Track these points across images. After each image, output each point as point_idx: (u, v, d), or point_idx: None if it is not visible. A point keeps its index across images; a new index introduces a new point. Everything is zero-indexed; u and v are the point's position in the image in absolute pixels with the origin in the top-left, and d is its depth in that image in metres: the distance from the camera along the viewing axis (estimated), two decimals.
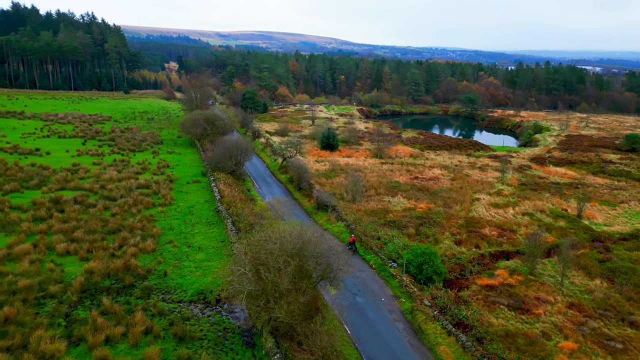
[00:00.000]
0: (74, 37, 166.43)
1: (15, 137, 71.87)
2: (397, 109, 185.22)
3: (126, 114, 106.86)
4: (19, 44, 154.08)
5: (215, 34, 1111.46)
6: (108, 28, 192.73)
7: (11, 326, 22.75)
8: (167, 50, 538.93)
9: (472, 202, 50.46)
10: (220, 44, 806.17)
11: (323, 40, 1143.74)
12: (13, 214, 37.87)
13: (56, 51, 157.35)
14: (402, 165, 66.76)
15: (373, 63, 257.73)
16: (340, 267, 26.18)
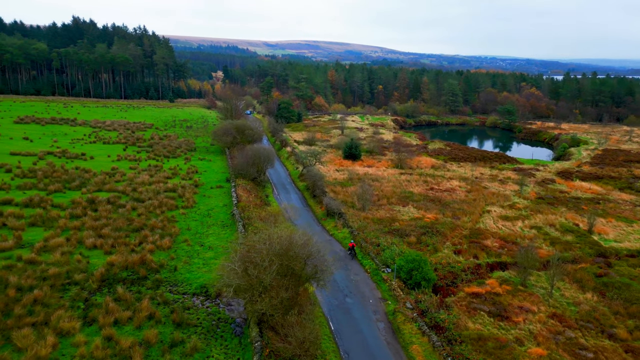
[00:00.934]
0: (126, 49, 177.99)
1: (66, 142, 79.03)
2: (433, 119, 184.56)
3: (167, 122, 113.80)
4: (77, 56, 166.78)
5: (263, 43, 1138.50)
6: (157, 40, 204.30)
7: (38, 306, 26.74)
8: (215, 60, 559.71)
9: (482, 214, 51.33)
10: (267, 53, 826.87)
11: (369, 49, 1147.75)
12: (53, 212, 42.87)
13: (109, 62, 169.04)
14: (420, 176, 68.08)
15: (412, 73, 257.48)
16: (325, 269, 28.69)
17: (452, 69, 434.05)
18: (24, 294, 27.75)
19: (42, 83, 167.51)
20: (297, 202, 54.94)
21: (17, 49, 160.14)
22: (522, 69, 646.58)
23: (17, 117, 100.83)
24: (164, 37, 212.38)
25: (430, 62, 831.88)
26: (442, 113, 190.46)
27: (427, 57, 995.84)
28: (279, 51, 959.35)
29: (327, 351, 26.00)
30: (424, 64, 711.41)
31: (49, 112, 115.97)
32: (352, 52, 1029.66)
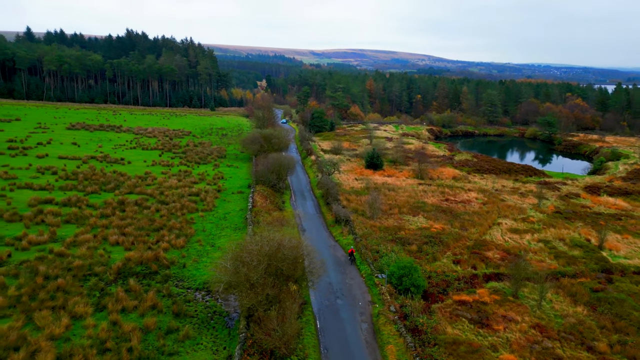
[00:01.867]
0: (172, 60, 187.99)
1: (109, 147, 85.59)
2: (470, 129, 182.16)
3: (205, 129, 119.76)
4: (127, 66, 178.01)
5: (310, 52, 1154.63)
6: (202, 51, 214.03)
7: (59, 293, 30.61)
8: (261, 69, 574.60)
9: (491, 227, 51.80)
10: (313, 62, 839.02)
11: (415, 57, 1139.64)
12: (87, 211, 47.60)
13: (156, 72, 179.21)
14: (438, 187, 68.84)
15: (452, 82, 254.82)
16: (313, 271, 31.07)
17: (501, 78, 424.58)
18: (50, 281, 31.77)
19: (96, 91, 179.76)
20: (312, 208, 57.44)
21: (74, 60, 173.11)
22: (578, 78, 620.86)
23: (69, 123, 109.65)
24: (208, 48, 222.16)
25: (479, 70, 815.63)
26: (479, 123, 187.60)
27: (476, 66, 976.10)
28: (325, 60, 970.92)
29: (307, 346, 28.25)
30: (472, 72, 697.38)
31: (98, 119, 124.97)
32: (398, 61, 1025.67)
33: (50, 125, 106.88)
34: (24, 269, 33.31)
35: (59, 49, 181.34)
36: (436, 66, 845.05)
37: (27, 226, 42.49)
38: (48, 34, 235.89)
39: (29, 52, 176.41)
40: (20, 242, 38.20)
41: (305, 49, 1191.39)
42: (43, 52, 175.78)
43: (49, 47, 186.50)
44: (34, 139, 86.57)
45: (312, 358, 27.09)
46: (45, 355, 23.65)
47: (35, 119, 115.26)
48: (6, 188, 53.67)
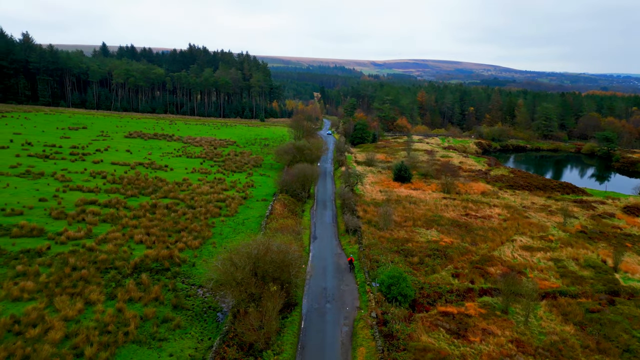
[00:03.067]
0: (227, 73, 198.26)
1: (157, 155, 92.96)
2: (522, 144, 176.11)
3: (249, 140, 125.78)
4: (186, 79, 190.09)
5: (371, 63, 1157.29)
6: (257, 65, 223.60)
7: (81, 282, 35.27)
8: (320, 80, 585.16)
9: (504, 243, 51.55)
10: (373, 73, 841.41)
11: (480, 68, 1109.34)
12: (122, 212, 53.11)
13: (212, 85, 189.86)
14: (462, 201, 68.72)
15: (507, 95, 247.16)
16: (297, 275, 33.61)
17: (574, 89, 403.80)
18: (75, 272, 36.62)
19: (157, 102, 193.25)
20: (329, 218, 59.81)
21: (139, 73, 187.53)
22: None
23: (128, 132, 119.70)
24: (263, 61, 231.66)
25: (549, 81, 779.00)
26: (532, 138, 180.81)
27: (546, 76, 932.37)
28: (385, 70, 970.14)
29: (286, 342, 30.72)
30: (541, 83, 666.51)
31: (155, 128, 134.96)
32: (462, 71, 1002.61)
33: (111, 133, 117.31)
34: (57, 260, 38.54)
35: (127, 63, 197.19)
36: (502, 77, 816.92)
37: (70, 223, 48.39)
38: (120, 48, 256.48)
39: (101, 66, 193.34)
40: (60, 237, 43.79)
41: (366, 60, 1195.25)
42: (113, 66, 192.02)
43: (118, 61, 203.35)
44: (94, 146, 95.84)
45: (287, 353, 29.50)
46: (56, 332, 27.94)
47: (99, 127, 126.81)
48: (60, 189, 60.78)
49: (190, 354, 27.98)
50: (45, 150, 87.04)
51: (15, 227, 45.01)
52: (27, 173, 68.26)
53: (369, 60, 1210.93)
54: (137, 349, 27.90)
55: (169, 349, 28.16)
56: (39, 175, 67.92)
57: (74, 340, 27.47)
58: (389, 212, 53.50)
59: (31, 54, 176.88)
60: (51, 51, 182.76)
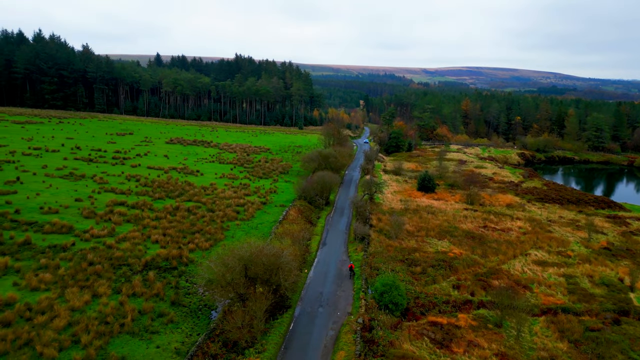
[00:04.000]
0: (269, 82, 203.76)
1: (192, 160, 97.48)
2: (569, 155, 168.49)
3: (283, 147, 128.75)
4: (229, 88, 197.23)
5: (422, 70, 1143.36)
6: (299, 74, 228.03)
7: (93, 276, 38.31)
8: (367, 88, 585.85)
9: (517, 256, 50.31)
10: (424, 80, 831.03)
11: (539, 75, 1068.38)
12: (146, 213, 56.59)
13: (254, 94, 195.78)
14: (484, 213, 67.37)
15: (557, 104, 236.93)
16: (287, 278, 34.88)
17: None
18: (91, 266, 39.80)
19: (202, 110, 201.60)
20: (343, 225, 60.61)
21: (187, 82, 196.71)
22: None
23: (169, 138, 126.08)
24: (305, 71, 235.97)
25: (614, 89, 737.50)
26: (581, 149, 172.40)
27: (612, 84, 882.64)
28: (437, 78, 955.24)
29: (270, 342, 32.00)
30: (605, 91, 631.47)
31: (195, 135, 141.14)
32: (518, 79, 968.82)
33: (154, 139, 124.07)
34: (77, 256, 41.97)
35: (176, 73, 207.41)
36: (561, 84, 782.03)
37: (97, 222, 52.26)
38: (172, 58, 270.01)
39: (153, 76, 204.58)
40: (85, 235, 47.51)
41: (418, 67, 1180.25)
42: (163, 76, 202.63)
43: (168, 70, 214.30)
44: (136, 151, 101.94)
45: (269, 352, 30.77)
46: (60, 320, 30.74)
47: (145, 133, 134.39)
48: (96, 190, 65.52)
49: (176, 347, 29.91)
50: (90, 154, 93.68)
51: (48, 224, 49.26)
52: (70, 175, 73.95)
53: (421, 67, 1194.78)
54: (130, 339, 30.17)
55: (157, 341, 30.24)
56: (80, 177, 73.42)
57: (74, 328, 30.13)
58: (399, 221, 53.66)
59: (89, 64, 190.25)
60: (107, 61, 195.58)
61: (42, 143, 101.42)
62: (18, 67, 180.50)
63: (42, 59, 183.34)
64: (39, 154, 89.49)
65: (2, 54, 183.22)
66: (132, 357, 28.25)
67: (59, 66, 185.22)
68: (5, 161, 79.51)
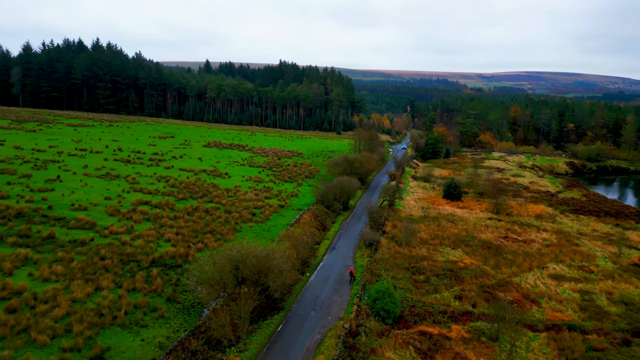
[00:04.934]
0: (310, 88, 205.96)
1: (223, 163, 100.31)
2: (624, 165, 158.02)
3: (316, 151, 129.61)
4: (271, 94, 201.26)
5: (477, 75, 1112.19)
6: (341, 79, 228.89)
7: (101, 270, 40.43)
8: (416, 94, 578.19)
9: (532, 269, 47.95)
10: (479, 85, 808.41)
11: (606, 80, 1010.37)
12: (165, 212, 58.92)
13: (294, 99, 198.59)
14: (508, 223, 64.65)
15: (616, 110, 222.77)
16: (275, 280, 35.26)
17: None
18: (102, 261, 42.01)
19: (245, 115, 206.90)
20: (358, 231, 60.13)
21: (230, 88, 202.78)
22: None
23: (207, 142, 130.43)
24: (346, 76, 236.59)
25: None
26: (638, 159, 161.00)
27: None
28: (492, 83, 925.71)
29: (254, 342, 32.44)
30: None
31: (233, 139, 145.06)
32: (582, 84, 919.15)
33: (193, 142, 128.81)
34: (92, 250, 44.46)
35: (221, 79, 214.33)
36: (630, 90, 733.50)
37: (119, 220, 55.03)
38: (220, 65, 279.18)
39: (199, 82, 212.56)
40: (105, 231, 50.18)
41: (473, 72, 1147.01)
42: (208, 81, 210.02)
43: (214, 77, 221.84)
44: (173, 153, 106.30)
45: (250, 352, 31.21)
46: (59, 310, 32.71)
47: (185, 137, 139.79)
48: (126, 190, 69.00)
49: (160, 341, 31.03)
50: (130, 155, 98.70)
51: (74, 220, 52.47)
52: (107, 175, 78.30)
53: (476, 72, 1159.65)
54: (119, 331, 31.63)
55: (144, 335, 31.51)
56: (115, 177, 77.60)
57: (70, 318, 31.98)
58: (410, 229, 52.69)
59: (140, 70, 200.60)
60: (157, 68, 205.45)
61: (89, 145, 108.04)
62: (77, 73, 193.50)
63: (99, 66, 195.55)
64: (84, 154, 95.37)
65: (63, 61, 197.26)
66: (116, 348, 29.62)
67: (113, 73, 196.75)
68: (52, 161, 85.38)
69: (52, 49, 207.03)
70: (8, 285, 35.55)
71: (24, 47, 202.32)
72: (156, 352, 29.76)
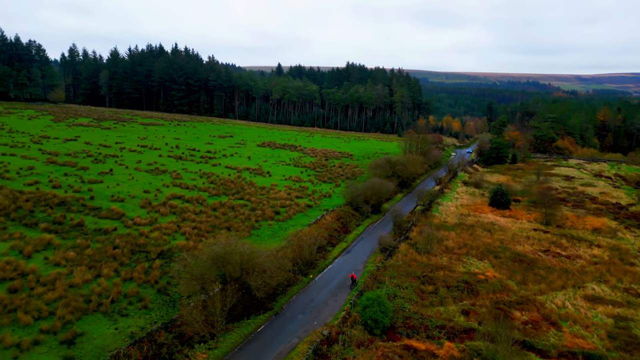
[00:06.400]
0: (373, 90, 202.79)
1: (270, 162, 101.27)
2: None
3: (368, 153, 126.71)
4: (333, 95, 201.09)
5: (576, 77, 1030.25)
6: (408, 81, 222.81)
7: (109, 258, 41.97)
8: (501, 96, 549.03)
9: (565, 288, 42.28)
10: (576, 88, 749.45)
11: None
12: (192, 207, 60.29)
13: (356, 101, 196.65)
14: (556, 235, 57.98)
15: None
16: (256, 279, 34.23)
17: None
18: (114, 250, 43.65)
19: (307, 117, 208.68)
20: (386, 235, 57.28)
21: (294, 90, 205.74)
22: None
23: (262, 142, 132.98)
24: (414, 78, 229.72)
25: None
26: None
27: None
28: (592, 86, 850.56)
29: (227, 341, 31.73)
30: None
31: (289, 139, 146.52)
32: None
33: (249, 142, 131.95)
34: (108, 239, 46.49)
35: (287, 81, 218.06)
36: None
37: (148, 212, 57.26)
38: (290, 68, 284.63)
39: (266, 84, 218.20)
40: (129, 222, 52.40)
41: (570, 74, 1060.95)
42: (275, 84, 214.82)
43: (280, 79, 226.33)
44: (226, 152, 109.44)
45: (220, 350, 30.47)
46: (53, 294, 34.26)
47: (243, 137, 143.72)
48: (166, 184, 71.79)
49: (133, 331, 31.28)
50: (184, 153, 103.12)
51: (106, 210, 55.47)
52: (155, 170, 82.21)
53: (574, 74, 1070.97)
54: (100, 318, 32.41)
55: (120, 324, 31.99)
56: (162, 172, 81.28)
57: (59, 302, 33.39)
58: (432, 236, 49.04)
59: (211, 73, 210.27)
60: (226, 71, 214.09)
61: (151, 142, 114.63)
62: (155, 76, 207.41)
63: (174, 69, 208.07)
64: (143, 150, 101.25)
65: (144, 65, 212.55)
66: (89, 334, 30.31)
67: (187, 75, 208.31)
68: (112, 155, 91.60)
69: (136, 54, 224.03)
70: (20, 267, 38.08)
71: (112, 52, 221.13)
72: (125, 341, 30.01)
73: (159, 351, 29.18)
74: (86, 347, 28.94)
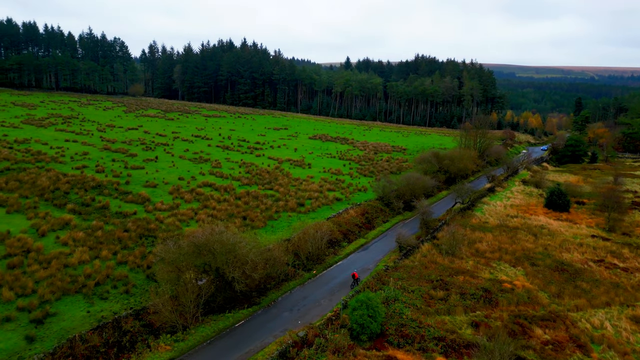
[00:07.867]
0: (441, 82, 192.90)
1: (315, 154, 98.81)
2: None
3: (424, 148, 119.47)
4: (397, 88, 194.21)
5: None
6: (480, 73, 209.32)
7: (114, 241, 41.98)
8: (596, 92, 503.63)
9: (611, 305, 35.36)
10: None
11: None
12: (217, 195, 59.57)
13: (420, 94, 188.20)
14: (616, 244, 49.57)
15: None
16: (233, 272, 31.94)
17: None
18: (123, 233, 43.72)
19: (368, 110, 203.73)
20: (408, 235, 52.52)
21: (356, 83, 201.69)
22: None
23: (314, 134, 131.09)
24: (488, 70, 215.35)
25: None
26: None
27: None
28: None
29: (198, 334, 29.92)
30: None
31: (344, 133, 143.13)
32: None
33: (301, 135, 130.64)
34: (123, 222, 46.85)
35: (350, 75, 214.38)
36: None
37: (174, 198, 57.49)
38: (358, 62, 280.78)
39: (329, 78, 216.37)
40: (149, 207, 52.77)
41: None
42: (338, 77, 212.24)
43: (344, 72, 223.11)
44: (275, 143, 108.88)
45: (186, 343, 28.66)
46: (44, 272, 34.47)
47: (297, 129, 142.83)
48: (203, 172, 72.29)
49: (104, 315, 30.39)
50: (233, 143, 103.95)
51: (133, 195, 56.50)
52: (199, 159, 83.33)
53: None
54: (78, 300, 31.98)
55: (95, 307, 31.29)
56: (204, 161, 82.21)
57: (46, 281, 33.47)
58: (456, 237, 43.78)
59: (275, 67, 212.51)
60: (290, 65, 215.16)
61: (206, 132, 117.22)
62: (223, 70, 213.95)
63: (241, 63, 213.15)
64: (194, 140, 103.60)
65: (214, 59, 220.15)
66: (61, 315, 29.87)
67: (252, 69, 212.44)
68: (163, 144, 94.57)
69: (207, 49, 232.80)
70: (27, 244, 39.11)
71: (185, 48, 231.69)
72: (92, 325, 29.14)
73: (121, 338, 27.96)
74: (52, 328, 28.46)
